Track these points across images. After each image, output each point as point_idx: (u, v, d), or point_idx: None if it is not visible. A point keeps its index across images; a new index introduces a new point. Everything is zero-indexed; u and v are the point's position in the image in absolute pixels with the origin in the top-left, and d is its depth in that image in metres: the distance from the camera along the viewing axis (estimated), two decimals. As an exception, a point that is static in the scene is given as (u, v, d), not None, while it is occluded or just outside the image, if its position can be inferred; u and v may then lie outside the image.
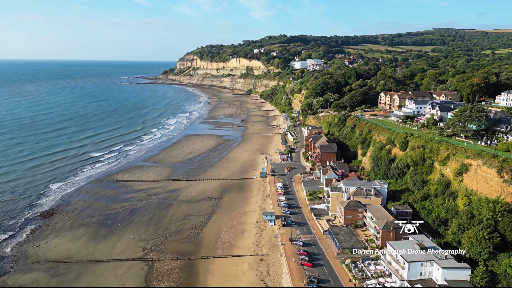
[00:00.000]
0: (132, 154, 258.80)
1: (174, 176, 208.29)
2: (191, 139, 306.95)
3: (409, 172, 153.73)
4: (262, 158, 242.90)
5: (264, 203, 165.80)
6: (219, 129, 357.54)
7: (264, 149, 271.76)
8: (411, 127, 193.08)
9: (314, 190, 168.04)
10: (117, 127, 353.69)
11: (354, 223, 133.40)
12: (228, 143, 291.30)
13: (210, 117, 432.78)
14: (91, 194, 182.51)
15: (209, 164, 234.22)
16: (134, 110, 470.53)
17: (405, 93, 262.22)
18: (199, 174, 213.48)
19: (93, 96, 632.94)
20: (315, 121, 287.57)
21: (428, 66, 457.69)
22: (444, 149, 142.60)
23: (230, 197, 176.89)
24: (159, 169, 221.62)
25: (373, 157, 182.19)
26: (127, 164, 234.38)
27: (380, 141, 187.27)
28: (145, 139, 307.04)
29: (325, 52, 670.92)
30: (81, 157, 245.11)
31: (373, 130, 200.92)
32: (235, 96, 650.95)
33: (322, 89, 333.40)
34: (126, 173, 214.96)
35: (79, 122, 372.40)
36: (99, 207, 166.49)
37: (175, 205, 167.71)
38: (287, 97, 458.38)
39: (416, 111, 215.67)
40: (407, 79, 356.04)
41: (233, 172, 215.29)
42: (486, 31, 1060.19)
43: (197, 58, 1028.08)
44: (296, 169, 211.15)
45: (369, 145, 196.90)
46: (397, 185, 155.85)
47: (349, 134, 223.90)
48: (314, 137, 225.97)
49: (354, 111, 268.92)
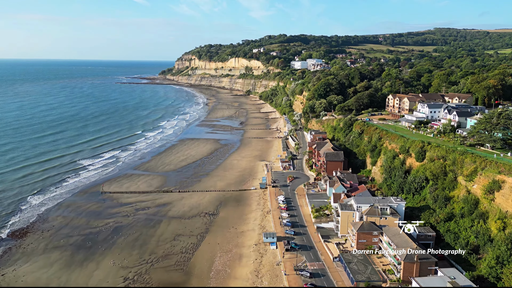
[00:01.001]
0: (123, 160, 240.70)
1: (165, 187, 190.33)
2: (186, 144, 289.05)
3: (428, 187, 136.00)
4: (262, 166, 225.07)
5: (264, 220, 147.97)
6: (216, 132, 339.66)
7: (264, 155, 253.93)
8: (426, 134, 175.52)
9: (320, 206, 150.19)
10: (109, 130, 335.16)
11: (368, 248, 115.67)
12: (225, 148, 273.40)
13: (208, 119, 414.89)
14: (72, 208, 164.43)
15: (205, 172, 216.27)
16: (129, 112, 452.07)
17: (415, 95, 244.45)
18: (193, 184, 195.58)
19: (89, 97, 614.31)
20: (318, 125, 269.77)
21: (434, 67, 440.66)
22: (469, 162, 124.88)
23: (227, 212, 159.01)
24: (150, 179, 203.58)
25: (385, 168, 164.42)
26: (116, 172, 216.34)
27: (392, 149, 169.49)
28: (138, 144, 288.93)
29: (326, 52, 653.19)
30: (68, 165, 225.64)
31: (383, 137, 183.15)
32: (233, 97, 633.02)
33: (325, 91, 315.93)
34: (113, 183, 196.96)
35: (74, 125, 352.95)
36: (79, 224, 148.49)
37: (164, 222, 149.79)
38: (287, 98, 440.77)
39: (429, 115, 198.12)
40: (414, 80, 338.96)
41: (230, 182, 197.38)
42: (488, 31, 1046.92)
43: (195, 58, 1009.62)
44: (299, 179, 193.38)
45: (379, 154, 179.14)
46: (415, 202, 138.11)
47: (356, 140, 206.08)
48: (318, 143, 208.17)
49: (360, 114, 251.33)
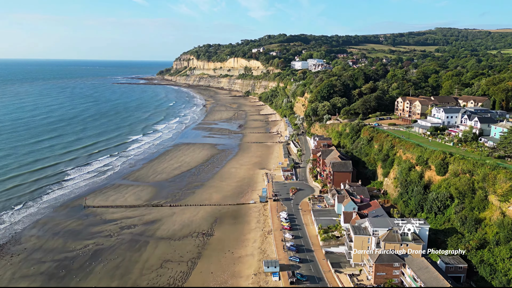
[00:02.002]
0: (112, 168, 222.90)
1: (155, 200, 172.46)
2: (181, 149, 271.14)
3: (454, 206, 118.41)
4: (261, 175, 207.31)
5: (264, 242, 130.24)
6: (214, 136, 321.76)
7: (264, 162, 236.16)
8: (444, 142, 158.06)
9: (329, 225, 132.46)
10: (99, 135, 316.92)
11: (388, 282, 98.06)
12: (223, 155, 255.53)
13: (205, 122, 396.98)
14: (49, 226, 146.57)
15: (199, 182, 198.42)
16: (123, 114, 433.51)
17: (427, 98, 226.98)
18: (186, 197, 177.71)
19: (85, 97, 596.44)
20: (322, 130, 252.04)
21: (440, 67, 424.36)
22: (503, 178, 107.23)
23: (222, 231, 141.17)
24: (139, 190, 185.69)
25: (400, 180, 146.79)
26: (103, 182, 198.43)
27: (407, 160, 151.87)
28: (130, 149, 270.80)
29: (327, 52, 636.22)
30: (54, 176, 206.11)
31: (396, 145, 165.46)
32: (232, 98, 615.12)
33: (329, 93, 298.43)
34: (99, 195, 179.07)
35: (64, 130, 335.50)
36: (55, 247, 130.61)
37: (151, 244, 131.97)
38: (288, 100, 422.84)
39: (445, 121, 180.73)
40: (422, 81, 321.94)
41: (227, 195, 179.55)
42: (490, 30, 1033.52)
43: (193, 57, 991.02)
44: (303, 191, 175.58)
45: (392, 164, 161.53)
46: (438, 223, 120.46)
47: (365, 148, 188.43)
48: (323, 151, 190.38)
49: (367, 118, 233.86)
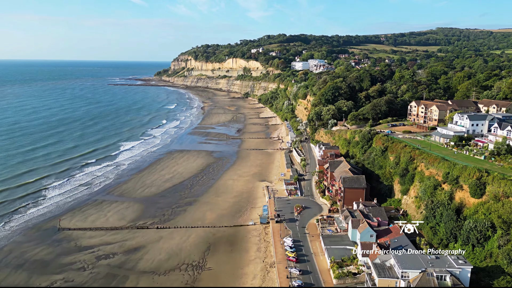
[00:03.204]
0: (96, 180, 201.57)
1: (141, 221, 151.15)
2: (174, 157, 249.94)
3: (497, 238, 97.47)
4: (262, 188, 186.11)
5: (266, 278, 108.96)
6: (210, 142, 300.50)
7: (265, 172, 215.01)
8: (473, 155, 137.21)
9: (342, 257, 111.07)
10: (87, 141, 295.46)
11: None
12: (219, 164, 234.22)
13: (202, 126, 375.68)
14: (14, 255, 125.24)
15: (192, 197, 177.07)
16: (116, 117, 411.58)
17: (444, 103, 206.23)
18: (177, 215, 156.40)
19: (79, 99, 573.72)
20: (328, 137, 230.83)
21: (447, 67, 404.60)
22: None
23: (216, 262, 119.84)
24: (123, 207, 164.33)
25: (424, 201, 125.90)
26: (84, 198, 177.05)
27: (431, 176, 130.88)
28: (119, 158, 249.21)
29: (328, 52, 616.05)
30: (32, 188, 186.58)
31: (417, 158, 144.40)
32: (231, 100, 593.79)
33: (333, 95, 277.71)
34: (77, 214, 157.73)
35: (53, 136, 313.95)
36: (16, 283, 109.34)
37: (131, 280, 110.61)
38: (289, 102, 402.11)
39: (470, 129, 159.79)
40: (432, 83, 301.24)
41: (223, 213, 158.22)
42: (491, 30, 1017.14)
43: (191, 58, 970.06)
44: (309, 209, 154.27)
45: (412, 180, 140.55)
46: (477, 258, 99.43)
47: (379, 159, 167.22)
48: (331, 162, 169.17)
49: (378, 125, 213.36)
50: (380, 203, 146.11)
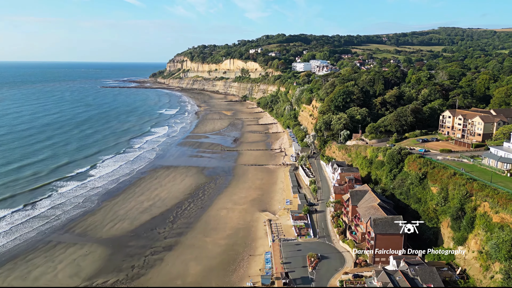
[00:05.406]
0: (57, 209, 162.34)
1: (100, 278, 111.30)
2: (158, 176, 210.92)
3: None
4: (263, 223, 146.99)
5: None
6: (202, 155, 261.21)
7: (266, 198, 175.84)
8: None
9: None
10: (61, 155, 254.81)
11: None
12: (211, 186, 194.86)
13: (194, 134, 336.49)
14: None
15: (173, 237, 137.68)
16: (101, 124, 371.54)
17: (487, 113, 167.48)
18: (149, 269, 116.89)
19: (67, 103, 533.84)
20: (342, 153, 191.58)
21: (463, 68, 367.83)
22: None
23: None
24: (81, 255, 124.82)
25: (501, 262, 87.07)
26: (35, 238, 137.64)
27: (505, 224, 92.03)
28: (93, 175, 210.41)
29: (331, 52, 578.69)
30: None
31: (476, 194, 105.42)
32: (228, 103, 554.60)
33: (344, 101, 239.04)
34: (19, 265, 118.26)
35: (20, 147, 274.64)
36: None
37: None
38: (291, 107, 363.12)
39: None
40: (456, 86, 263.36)
41: (212, 265, 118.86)
42: (495, 30, 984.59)
43: (187, 59, 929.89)
44: (327, 260, 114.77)
45: (472, 225, 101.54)
46: None
47: (415, 189, 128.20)
48: (353, 193, 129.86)
49: (404, 139, 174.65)
50: (422, 252, 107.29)
